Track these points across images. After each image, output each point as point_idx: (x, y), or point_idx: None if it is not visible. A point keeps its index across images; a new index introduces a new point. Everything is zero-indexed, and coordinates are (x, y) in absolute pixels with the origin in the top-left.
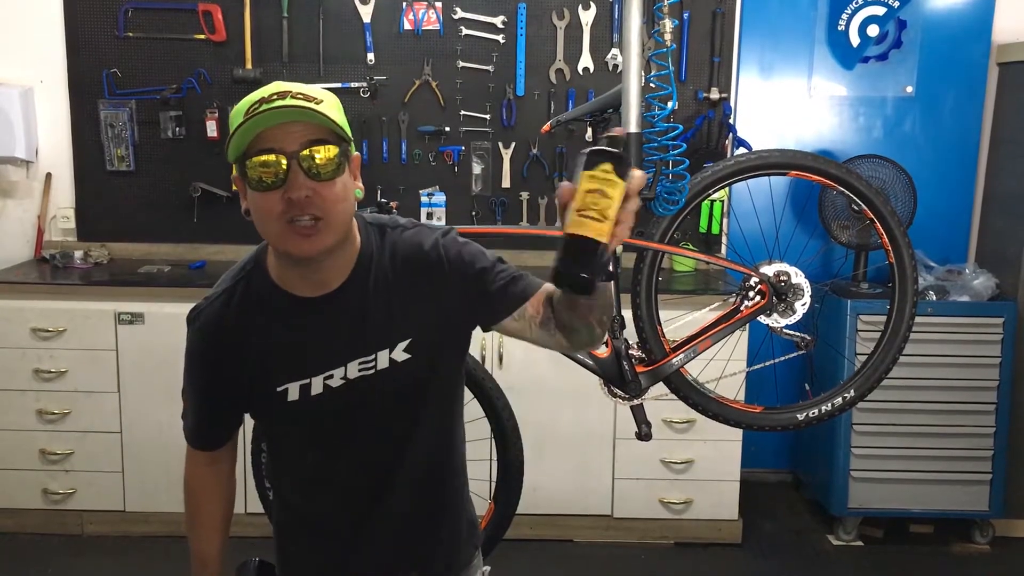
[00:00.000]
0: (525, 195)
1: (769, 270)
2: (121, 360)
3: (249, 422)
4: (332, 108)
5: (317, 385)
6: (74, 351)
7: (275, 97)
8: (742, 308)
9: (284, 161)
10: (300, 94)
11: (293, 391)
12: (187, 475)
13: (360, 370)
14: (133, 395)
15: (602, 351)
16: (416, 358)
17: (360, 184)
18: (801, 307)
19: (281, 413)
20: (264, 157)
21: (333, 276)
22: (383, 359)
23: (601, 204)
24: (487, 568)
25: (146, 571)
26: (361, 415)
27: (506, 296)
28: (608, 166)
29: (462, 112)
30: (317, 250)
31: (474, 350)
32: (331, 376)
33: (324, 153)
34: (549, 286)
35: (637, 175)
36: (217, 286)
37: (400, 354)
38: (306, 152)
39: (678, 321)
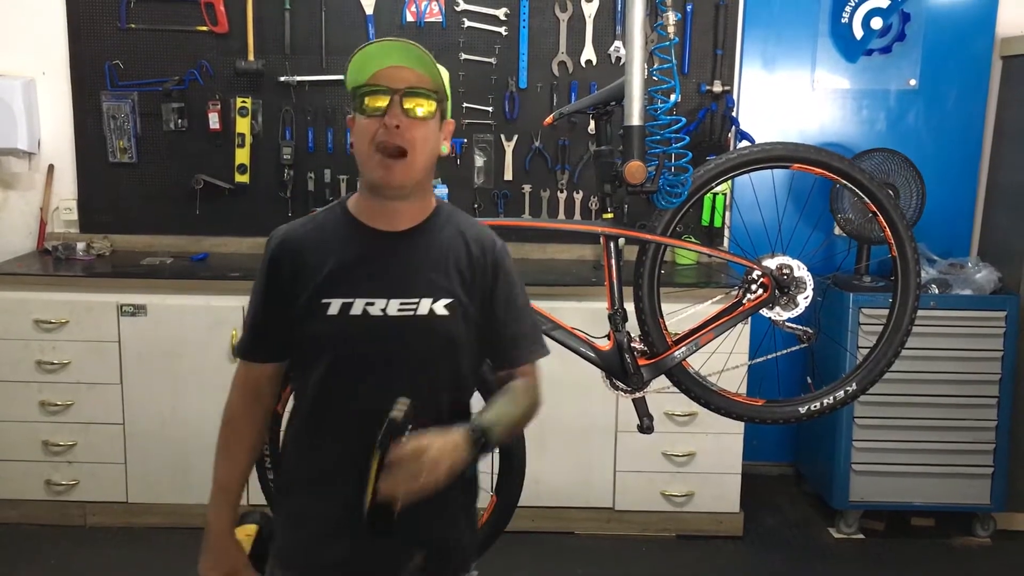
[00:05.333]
0: (527, 188)
1: (771, 263)
2: (124, 352)
3: None
4: (442, 72)
5: (357, 307)
6: (77, 343)
7: (399, 43)
8: (744, 301)
9: (389, 95)
10: (417, 47)
11: (335, 306)
12: (232, 402)
13: (399, 309)
14: (136, 387)
15: (604, 344)
16: (452, 317)
17: (449, 144)
18: (803, 300)
19: (319, 329)
20: (376, 88)
21: (404, 218)
22: (424, 306)
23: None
24: (475, 573)
25: (148, 562)
26: (390, 352)
27: (508, 344)
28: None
29: (464, 104)
30: (397, 181)
31: None
32: (372, 303)
33: (422, 98)
34: (528, 371)
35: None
36: (303, 217)
37: (440, 308)
38: (409, 91)
39: (680, 314)
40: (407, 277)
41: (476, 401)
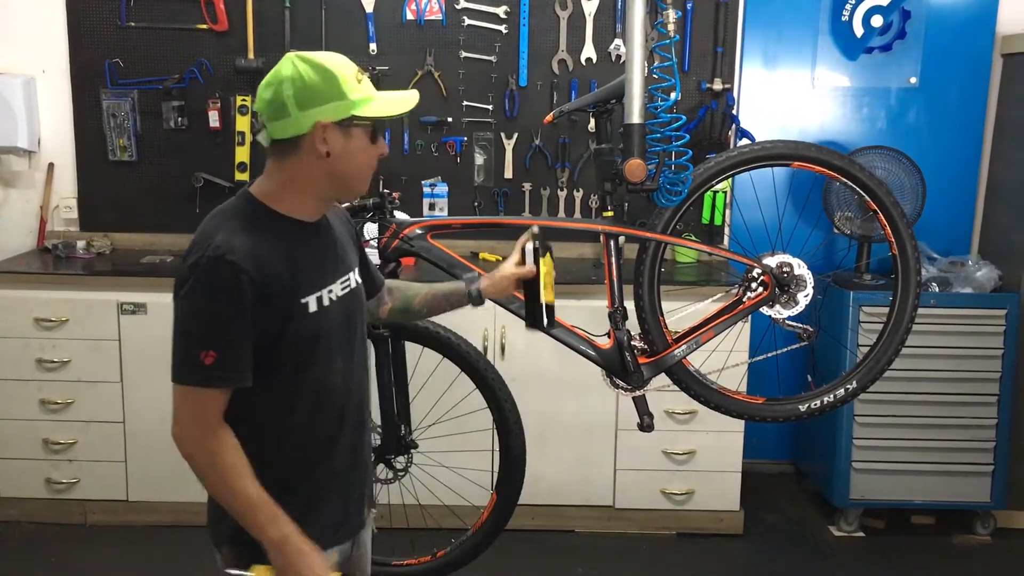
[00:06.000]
0: (527, 186)
1: (772, 261)
2: (124, 350)
3: None
4: None
5: (325, 297)
6: (77, 341)
7: (364, 71)
8: (744, 299)
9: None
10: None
11: (312, 303)
12: (211, 432)
13: (342, 288)
14: (136, 385)
15: (605, 342)
16: (362, 284)
17: None
18: (804, 298)
19: (305, 329)
20: (392, 117)
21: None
22: (352, 279)
23: (551, 279)
24: (374, 511)
25: (148, 561)
26: (349, 327)
27: (375, 278)
28: (549, 256)
29: (464, 103)
30: None
31: (476, 340)
32: (330, 290)
33: None
34: (388, 283)
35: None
36: (223, 226)
37: (357, 277)
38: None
39: (680, 312)
40: (337, 258)
41: None
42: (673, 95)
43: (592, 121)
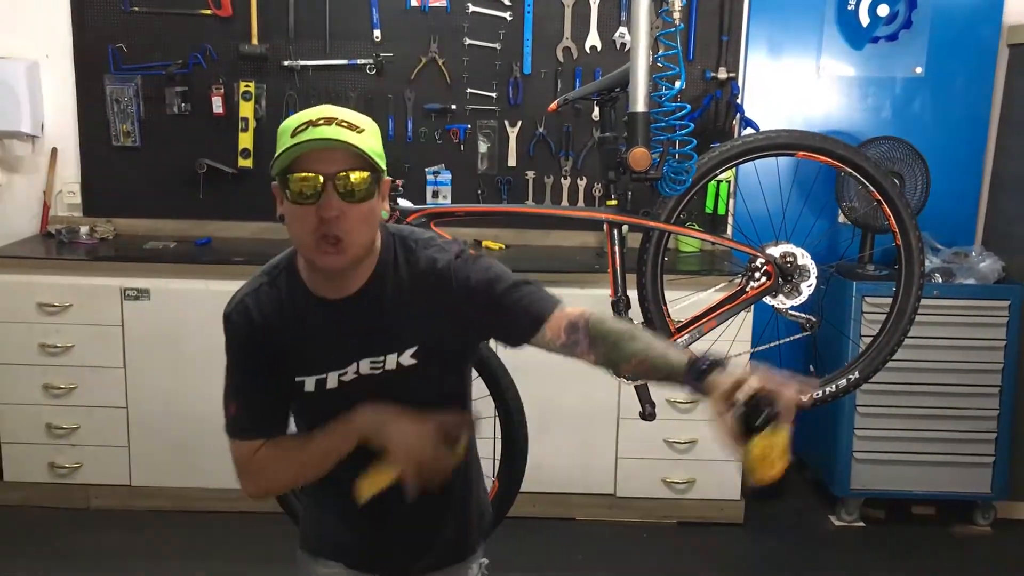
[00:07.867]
0: (531, 174)
1: (775, 251)
2: (127, 335)
3: None
4: (371, 137)
5: (332, 380)
6: (80, 326)
7: (321, 122)
8: (747, 289)
9: (321, 181)
10: (345, 122)
11: (309, 384)
12: (251, 474)
13: (370, 368)
14: (139, 370)
15: None
16: (422, 364)
17: (387, 206)
18: (807, 288)
19: (300, 402)
20: (304, 175)
21: (353, 281)
22: (391, 361)
23: (775, 454)
24: (485, 560)
25: (151, 545)
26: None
27: (519, 321)
28: (766, 433)
29: (468, 90)
30: (341, 266)
31: None
32: (344, 373)
33: (357, 178)
34: (570, 312)
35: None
36: (247, 284)
37: (407, 359)
38: (341, 175)
39: (683, 302)
40: (368, 338)
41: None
42: (678, 84)
43: (596, 109)
